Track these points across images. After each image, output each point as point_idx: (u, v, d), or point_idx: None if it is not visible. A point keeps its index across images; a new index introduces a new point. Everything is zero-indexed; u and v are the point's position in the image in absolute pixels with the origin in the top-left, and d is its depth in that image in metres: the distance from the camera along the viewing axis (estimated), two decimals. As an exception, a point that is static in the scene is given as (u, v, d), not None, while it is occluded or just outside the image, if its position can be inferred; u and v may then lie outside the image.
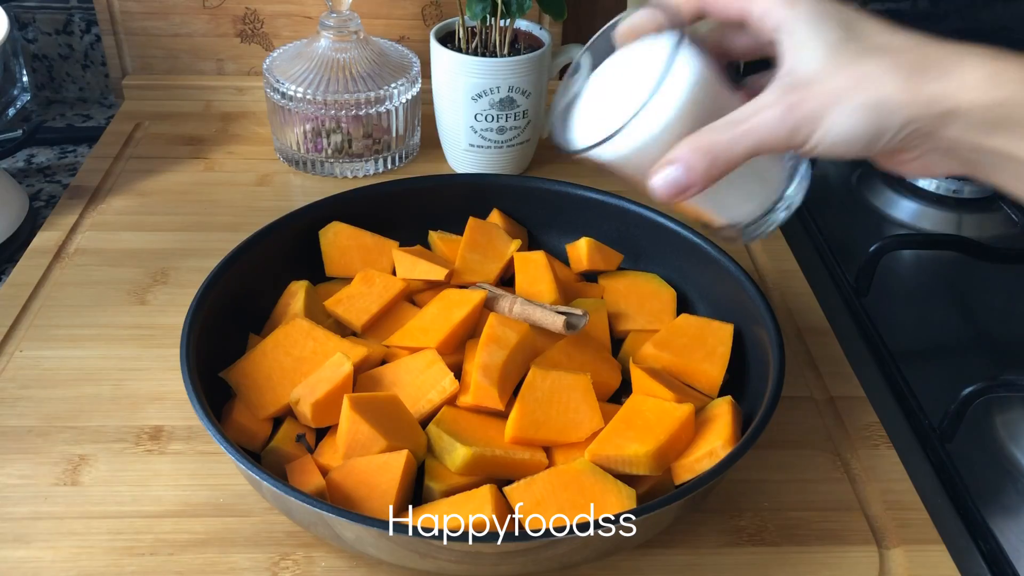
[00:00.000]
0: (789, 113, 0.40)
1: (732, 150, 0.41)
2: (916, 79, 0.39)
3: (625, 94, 0.44)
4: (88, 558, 0.51)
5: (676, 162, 0.41)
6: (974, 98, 0.38)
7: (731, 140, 0.40)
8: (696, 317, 0.63)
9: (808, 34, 0.41)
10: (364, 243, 0.67)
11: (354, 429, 0.52)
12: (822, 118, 0.40)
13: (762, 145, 0.40)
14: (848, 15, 0.41)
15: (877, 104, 0.39)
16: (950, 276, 0.82)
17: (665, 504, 0.47)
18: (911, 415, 0.65)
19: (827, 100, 0.40)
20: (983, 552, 0.56)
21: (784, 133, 0.40)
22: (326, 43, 0.83)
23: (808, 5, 0.42)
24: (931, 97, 0.39)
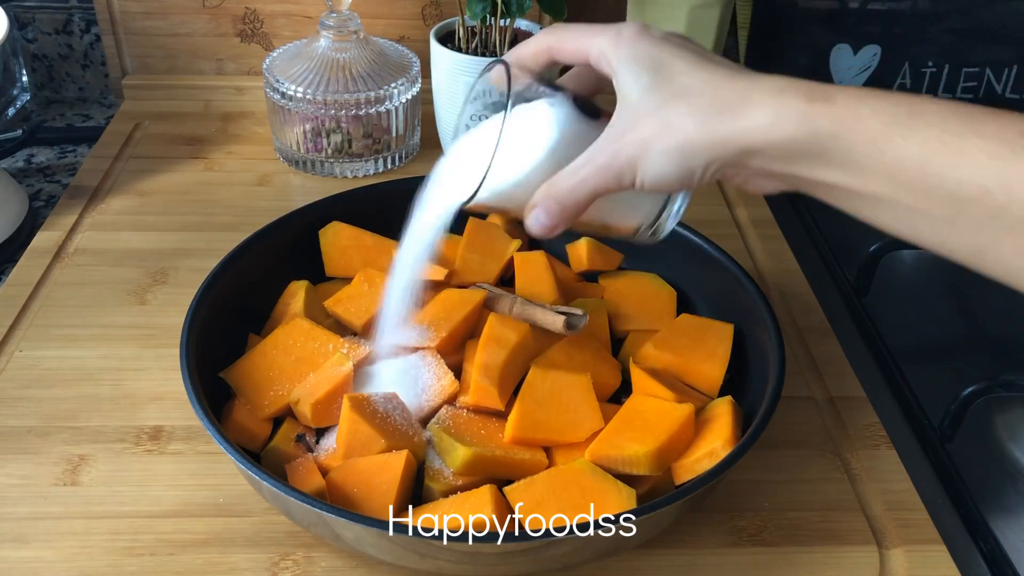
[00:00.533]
0: (612, 161, 0.44)
1: (576, 196, 0.45)
2: (712, 122, 0.41)
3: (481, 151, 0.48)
4: (88, 558, 0.51)
5: (536, 207, 0.46)
6: (765, 137, 0.40)
7: (572, 189, 0.45)
8: (696, 317, 0.63)
9: (627, 79, 0.44)
10: (364, 243, 0.67)
11: (354, 429, 0.52)
12: (638, 163, 0.43)
13: (598, 189, 0.44)
14: (661, 53, 0.43)
15: (680, 148, 0.42)
16: (950, 276, 0.82)
17: (665, 504, 0.47)
18: (911, 415, 0.65)
19: (639, 147, 0.43)
20: (983, 552, 0.56)
21: (612, 179, 0.44)
22: (326, 43, 0.83)
23: (627, 47, 0.44)
24: (725, 138, 0.41)
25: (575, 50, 0.47)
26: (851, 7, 1.00)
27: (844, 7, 1.00)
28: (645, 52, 0.44)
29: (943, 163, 0.37)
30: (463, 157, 0.51)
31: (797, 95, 0.40)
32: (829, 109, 0.39)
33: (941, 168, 0.37)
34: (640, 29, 0.45)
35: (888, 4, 1.03)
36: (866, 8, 0.97)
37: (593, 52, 0.46)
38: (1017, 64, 0.97)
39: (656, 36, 0.44)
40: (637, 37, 0.44)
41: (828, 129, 0.39)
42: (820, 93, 0.39)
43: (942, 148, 0.37)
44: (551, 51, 0.48)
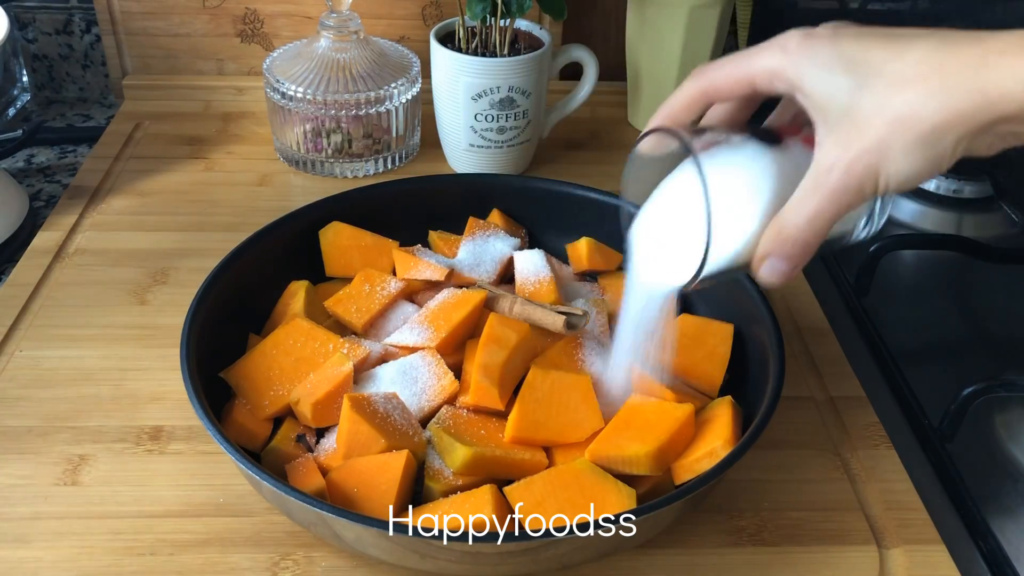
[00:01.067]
0: (847, 178, 0.40)
1: (815, 229, 0.41)
2: (954, 99, 0.38)
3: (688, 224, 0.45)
4: (88, 558, 0.51)
5: (772, 256, 0.42)
6: (1020, 104, 0.37)
7: (809, 222, 0.41)
8: (696, 317, 0.63)
9: (820, 88, 0.40)
10: (364, 243, 0.67)
11: (354, 429, 0.52)
12: (879, 169, 0.39)
13: (839, 212, 0.41)
14: (846, 49, 0.40)
15: (925, 138, 0.38)
16: (950, 276, 0.82)
17: (665, 504, 0.47)
18: (911, 415, 0.65)
19: (876, 154, 0.39)
20: (983, 552, 0.56)
21: (852, 196, 0.40)
22: (326, 43, 0.83)
23: (803, 56, 0.41)
24: (975, 110, 0.37)
25: (735, 83, 0.43)
26: (851, 7, 1.00)
27: (844, 7, 1.00)
28: (828, 54, 0.40)
29: None
30: (664, 235, 0.47)
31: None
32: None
33: None
34: (803, 36, 0.41)
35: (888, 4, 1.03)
36: (866, 8, 0.97)
37: (760, 76, 0.42)
38: (1017, 64, 0.97)
39: (825, 34, 0.41)
40: (807, 43, 0.41)
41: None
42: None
43: None
44: (707, 95, 0.45)
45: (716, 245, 0.42)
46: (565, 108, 0.87)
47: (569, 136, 0.93)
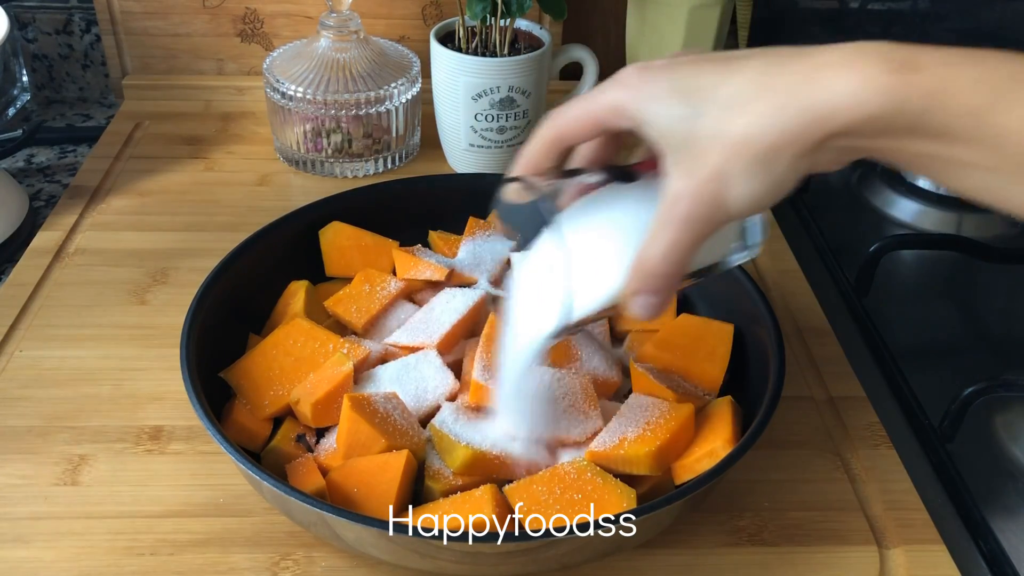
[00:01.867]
0: (695, 206, 0.40)
1: (674, 260, 0.41)
2: (783, 118, 0.37)
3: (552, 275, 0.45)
4: (88, 558, 0.51)
5: (639, 293, 0.42)
6: (849, 118, 0.36)
7: (665, 255, 0.41)
8: (696, 317, 0.63)
9: (659, 120, 0.40)
10: (364, 243, 0.67)
11: (354, 429, 0.52)
12: (724, 195, 0.39)
13: (694, 241, 0.41)
14: (679, 78, 0.40)
15: (761, 159, 0.38)
16: (950, 276, 0.82)
17: (665, 504, 0.47)
18: (911, 415, 0.65)
19: (717, 180, 0.39)
20: (983, 552, 0.56)
21: (702, 224, 0.40)
22: (326, 43, 0.83)
23: (640, 89, 0.41)
24: (805, 128, 0.37)
25: (583, 125, 0.43)
26: (851, 7, 1.00)
27: (844, 7, 1.00)
28: (663, 84, 0.40)
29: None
30: (534, 287, 0.48)
31: (874, 66, 0.36)
32: (917, 80, 0.35)
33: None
34: (639, 69, 0.41)
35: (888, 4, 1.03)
36: (866, 8, 0.97)
37: (604, 115, 0.42)
38: (1017, 64, 0.97)
39: (661, 65, 0.41)
40: (645, 77, 0.41)
41: (918, 104, 0.35)
42: (902, 59, 0.35)
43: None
44: (560, 140, 0.45)
45: (581, 295, 0.43)
46: (565, 108, 0.87)
47: (569, 136, 0.92)
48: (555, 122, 0.44)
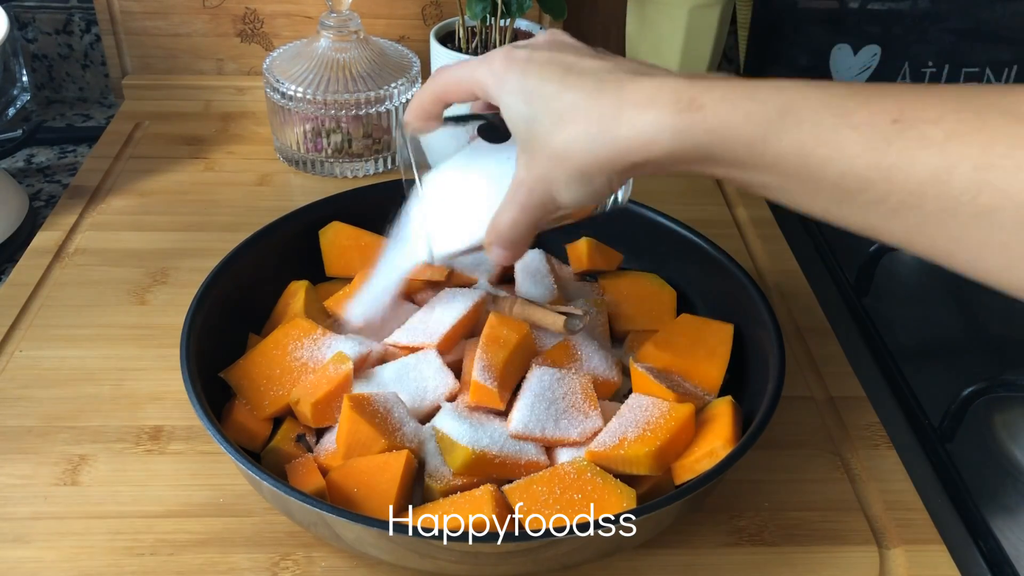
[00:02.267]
0: (530, 198, 0.46)
1: (518, 232, 0.47)
2: (595, 145, 0.42)
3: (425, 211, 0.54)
4: (88, 558, 0.51)
5: (493, 246, 0.49)
6: (647, 152, 0.41)
7: (512, 227, 0.47)
8: (696, 317, 0.63)
9: (509, 114, 0.45)
10: (364, 243, 0.67)
11: (354, 429, 0.52)
12: (553, 194, 0.45)
13: (534, 221, 0.47)
14: (529, 80, 0.44)
15: (578, 175, 0.43)
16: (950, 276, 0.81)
17: (665, 504, 0.47)
18: (911, 415, 0.65)
19: (546, 183, 0.44)
20: (983, 552, 0.56)
21: (539, 212, 0.46)
22: (326, 43, 0.83)
23: (501, 80, 0.45)
24: (612, 158, 0.42)
25: (461, 90, 0.49)
26: (851, 7, 1.00)
27: (844, 7, 1.00)
28: (516, 83, 0.44)
29: (822, 158, 0.37)
30: (418, 220, 0.56)
31: (666, 107, 0.40)
32: (700, 119, 0.39)
33: (821, 163, 0.37)
34: (505, 56, 0.45)
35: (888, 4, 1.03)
36: (866, 8, 0.97)
37: (476, 88, 0.47)
38: (1017, 64, 0.97)
39: (522, 58, 0.45)
40: (506, 66, 0.45)
41: (704, 139, 0.40)
42: (689, 99, 0.40)
43: (818, 144, 0.37)
44: (444, 96, 0.50)
45: (447, 237, 0.52)
46: (565, 108, 0.87)
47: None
48: (441, 79, 0.50)
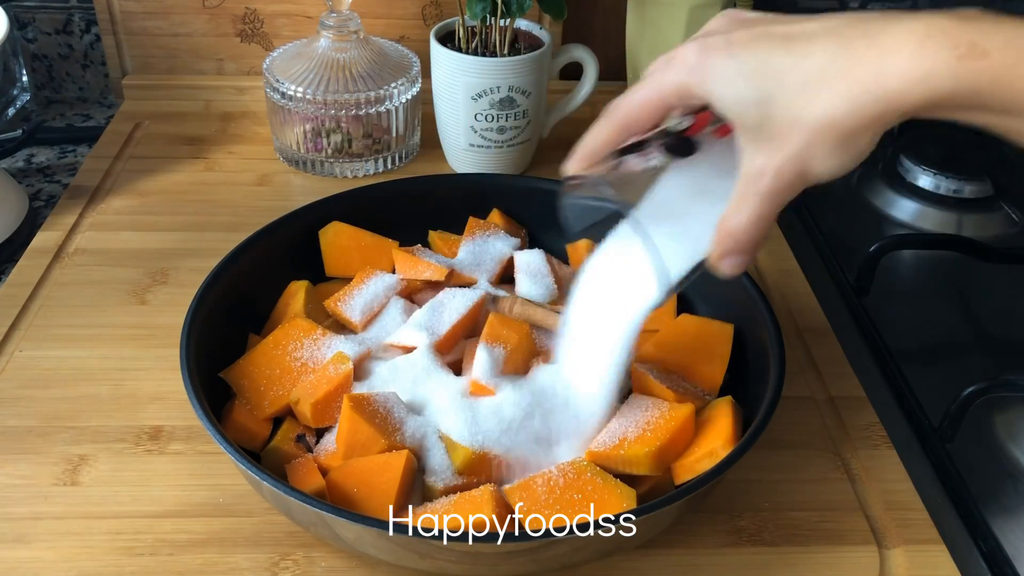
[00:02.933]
0: (778, 182, 0.42)
1: (759, 228, 0.43)
2: (859, 104, 0.39)
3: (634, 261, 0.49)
4: (88, 558, 0.51)
5: (725, 257, 0.45)
6: (919, 99, 0.38)
7: (752, 224, 0.43)
8: (696, 317, 0.63)
9: (730, 104, 0.42)
10: (364, 243, 0.67)
11: (354, 429, 0.52)
12: (807, 170, 0.41)
13: (777, 211, 0.43)
14: (745, 58, 0.41)
15: (842, 141, 0.40)
16: (950, 276, 0.82)
17: (665, 504, 0.47)
18: (911, 415, 0.65)
19: (801, 160, 0.41)
20: (983, 552, 0.56)
21: (787, 194, 0.43)
22: (326, 43, 0.83)
23: (706, 71, 0.42)
24: (882, 113, 0.39)
25: (651, 111, 0.45)
26: (851, 6, 1.00)
27: (844, 7, 1.00)
28: (726, 67, 0.41)
29: None
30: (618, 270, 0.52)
31: (942, 52, 0.37)
32: (984, 67, 0.37)
33: None
34: (699, 49, 0.42)
35: (888, 4, 1.03)
36: (866, 8, 0.97)
37: (672, 97, 0.44)
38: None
39: (720, 45, 0.42)
40: (706, 58, 0.42)
41: (987, 87, 0.37)
42: (969, 44, 0.37)
43: None
44: (626, 130, 0.46)
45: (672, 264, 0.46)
46: (565, 108, 0.87)
47: (569, 136, 0.91)
48: (621, 111, 0.45)
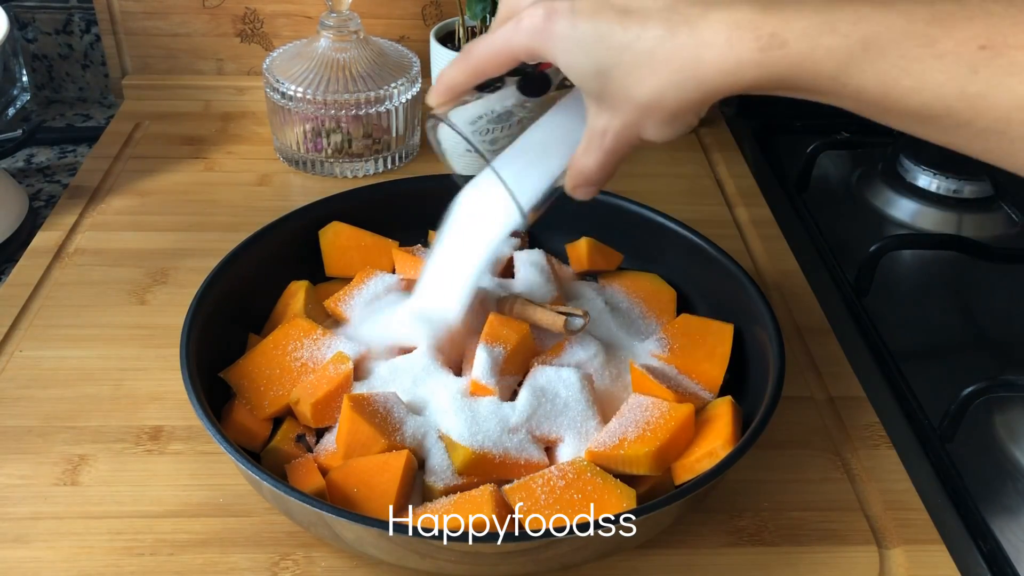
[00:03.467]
0: (618, 141, 0.46)
1: (605, 171, 0.48)
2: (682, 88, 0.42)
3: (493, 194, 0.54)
4: (88, 558, 0.51)
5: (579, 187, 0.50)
6: (732, 86, 0.41)
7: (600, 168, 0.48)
8: (696, 317, 0.63)
9: (572, 69, 0.45)
10: (364, 243, 0.67)
11: (354, 429, 0.52)
12: (642, 135, 0.45)
13: (621, 159, 0.48)
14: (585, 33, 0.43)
15: (669, 119, 0.44)
16: (950, 276, 0.82)
17: (665, 504, 0.47)
18: (911, 415, 0.65)
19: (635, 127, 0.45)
20: (983, 552, 0.56)
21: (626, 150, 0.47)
22: (326, 43, 0.83)
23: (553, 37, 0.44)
24: (702, 97, 0.42)
25: (501, 61, 0.47)
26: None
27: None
28: (568, 36, 0.44)
29: (906, 88, 0.38)
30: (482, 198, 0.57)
31: (747, 45, 0.40)
32: (782, 55, 0.40)
33: (904, 93, 0.38)
34: (546, 12, 0.44)
35: (888, 4, 1.03)
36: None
37: (521, 53, 0.46)
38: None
39: (565, 10, 0.44)
40: (551, 22, 0.44)
41: (787, 72, 0.40)
42: (769, 35, 0.40)
43: (901, 76, 0.38)
44: (480, 72, 0.49)
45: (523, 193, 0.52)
46: (565, 108, 0.87)
47: (569, 136, 0.92)
48: (474, 56, 0.48)
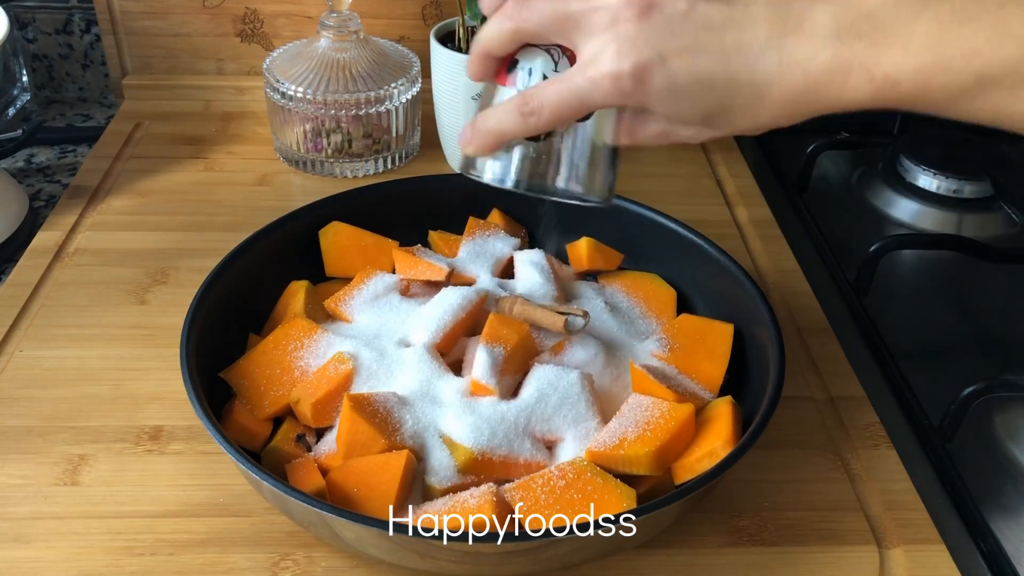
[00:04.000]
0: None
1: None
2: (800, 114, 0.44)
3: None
4: (88, 558, 0.51)
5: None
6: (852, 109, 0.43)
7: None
8: (696, 317, 0.63)
9: (677, 118, 0.47)
10: (364, 243, 0.67)
11: (354, 429, 0.52)
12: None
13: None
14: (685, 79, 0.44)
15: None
16: (950, 276, 0.82)
17: (665, 504, 0.47)
18: (911, 415, 0.65)
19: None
20: (983, 552, 0.56)
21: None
22: (326, 43, 0.83)
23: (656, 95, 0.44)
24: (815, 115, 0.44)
25: (570, 116, 0.46)
26: None
27: None
28: (669, 90, 0.44)
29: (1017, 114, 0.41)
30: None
31: (863, 87, 0.42)
32: (896, 94, 0.42)
33: (1015, 117, 0.41)
34: (634, 67, 0.43)
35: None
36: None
37: (597, 107, 0.46)
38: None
39: (651, 56, 0.43)
40: (644, 75, 0.43)
41: (898, 102, 0.42)
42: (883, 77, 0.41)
43: (1015, 102, 0.40)
44: (538, 130, 0.47)
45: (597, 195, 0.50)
46: (565, 108, 0.87)
47: (569, 136, 0.92)
48: (546, 113, 0.46)
